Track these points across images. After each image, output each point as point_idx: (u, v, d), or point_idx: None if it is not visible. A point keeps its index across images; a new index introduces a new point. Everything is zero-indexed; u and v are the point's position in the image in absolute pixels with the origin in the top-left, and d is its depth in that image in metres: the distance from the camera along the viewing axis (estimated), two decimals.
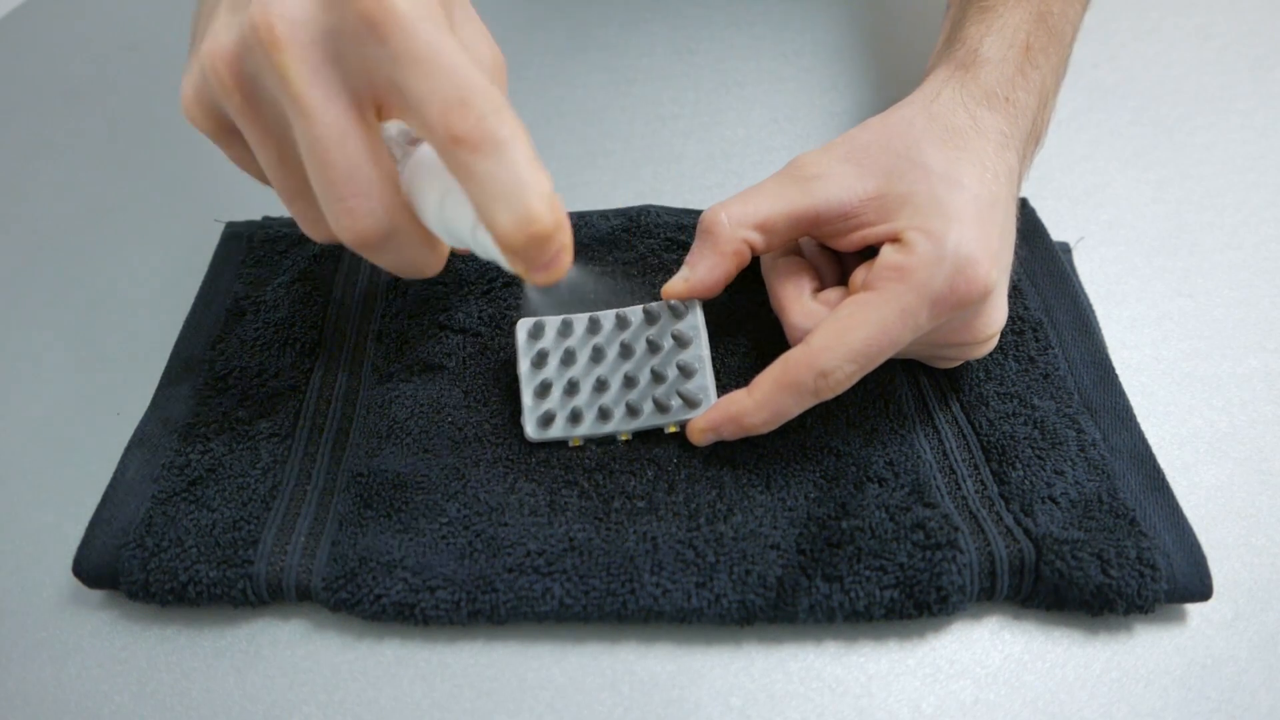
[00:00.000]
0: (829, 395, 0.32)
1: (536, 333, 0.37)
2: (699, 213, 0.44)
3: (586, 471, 0.35)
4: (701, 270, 0.35)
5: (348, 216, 0.26)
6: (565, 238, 0.25)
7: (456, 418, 0.37)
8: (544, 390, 0.36)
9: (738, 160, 0.51)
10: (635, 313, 0.37)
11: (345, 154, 0.25)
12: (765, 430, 0.33)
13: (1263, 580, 0.33)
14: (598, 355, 0.36)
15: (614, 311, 0.37)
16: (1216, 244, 0.44)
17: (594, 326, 0.37)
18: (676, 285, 0.36)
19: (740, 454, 0.35)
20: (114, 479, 0.35)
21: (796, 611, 0.31)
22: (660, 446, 0.35)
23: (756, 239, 0.34)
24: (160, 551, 0.32)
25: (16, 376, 0.41)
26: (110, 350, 0.42)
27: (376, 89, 0.26)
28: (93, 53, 0.61)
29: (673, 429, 0.35)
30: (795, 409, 0.33)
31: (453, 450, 0.36)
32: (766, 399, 0.32)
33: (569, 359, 0.36)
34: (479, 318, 0.40)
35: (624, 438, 0.36)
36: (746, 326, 0.39)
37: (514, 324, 0.38)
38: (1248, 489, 0.35)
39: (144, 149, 0.53)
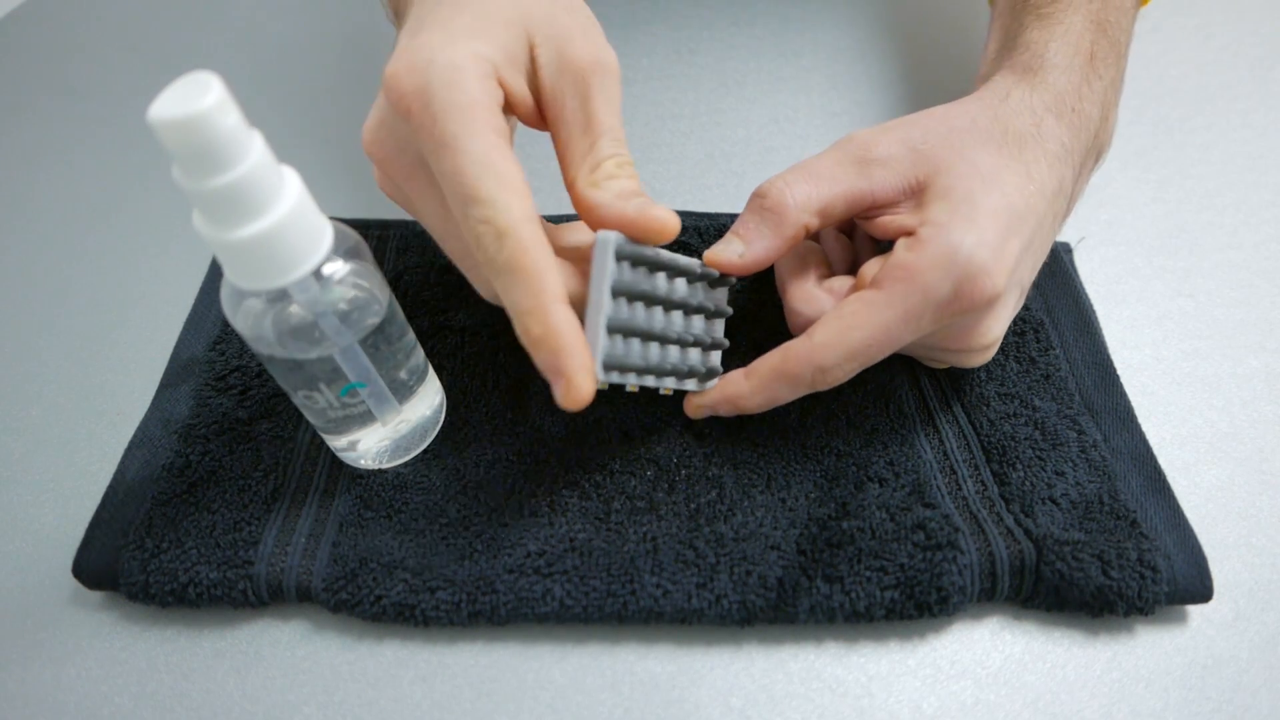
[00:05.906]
0: (824, 388, 0.32)
1: (624, 255, 0.30)
2: (699, 213, 0.44)
3: (587, 472, 0.35)
4: (758, 248, 0.33)
5: (464, 219, 0.27)
6: (563, 360, 0.26)
7: (456, 418, 0.37)
8: (622, 328, 0.31)
9: (738, 160, 0.51)
10: (695, 266, 0.33)
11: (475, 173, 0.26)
12: (758, 412, 0.34)
13: (1263, 580, 0.33)
14: (668, 306, 0.33)
15: (697, 261, 0.33)
16: (1216, 244, 0.44)
17: (673, 272, 0.33)
18: (730, 259, 0.33)
19: (741, 454, 0.35)
20: (114, 480, 0.35)
21: (797, 612, 0.31)
22: (661, 446, 0.35)
23: (815, 223, 0.33)
24: (160, 553, 0.32)
25: (16, 377, 0.41)
26: (110, 350, 0.42)
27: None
28: (93, 53, 0.61)
29: (667, 391, 0.34)
30: (789, 397, 0.33)
31: (453, 451, 0.36)
32: (763, 385, 0.33)
33: (649, 300, 0.32)
34: (479, 318, 0.40)
35: (665, 392, 0.35)
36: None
37: (602, 242, 0.30)
38: (1248, 489, 0.35)
39: (144, 149, 0.53)
